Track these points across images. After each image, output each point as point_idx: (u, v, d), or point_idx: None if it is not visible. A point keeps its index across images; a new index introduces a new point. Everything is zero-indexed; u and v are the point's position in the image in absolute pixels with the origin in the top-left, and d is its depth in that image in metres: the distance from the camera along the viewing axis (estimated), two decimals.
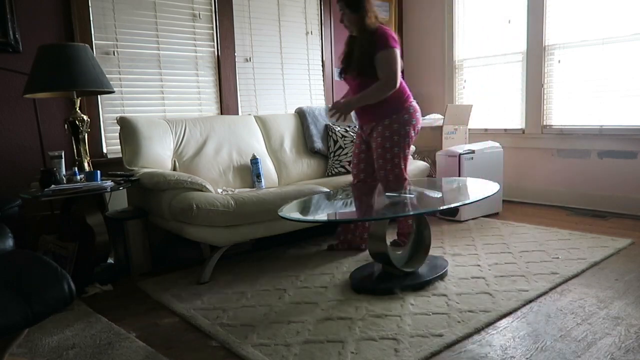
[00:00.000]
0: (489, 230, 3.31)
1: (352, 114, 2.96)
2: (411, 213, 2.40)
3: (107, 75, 2.70)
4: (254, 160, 3.16)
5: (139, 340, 1.91)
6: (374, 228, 2.37)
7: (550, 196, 4.08)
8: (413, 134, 2.81)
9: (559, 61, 3.93)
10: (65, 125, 2.66)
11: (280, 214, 2.23)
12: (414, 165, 3.63)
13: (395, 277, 2.37)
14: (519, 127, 4.23)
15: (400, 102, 2.75)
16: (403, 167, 2.80)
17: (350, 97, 2.77)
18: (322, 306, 2.16)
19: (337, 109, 2.70)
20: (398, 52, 2.68)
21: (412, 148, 2.97)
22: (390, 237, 2.76)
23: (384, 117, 2.74)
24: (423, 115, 4.57)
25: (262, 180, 3.17)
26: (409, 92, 2.84)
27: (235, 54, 3.75)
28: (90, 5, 3.09)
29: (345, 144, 3.56)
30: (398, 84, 2.68)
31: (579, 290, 2.23)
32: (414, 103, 2.84)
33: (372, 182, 2.89)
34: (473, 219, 3.60)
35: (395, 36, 2.72)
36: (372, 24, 2.69)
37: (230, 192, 2.77)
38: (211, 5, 3.63)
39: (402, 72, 2.91)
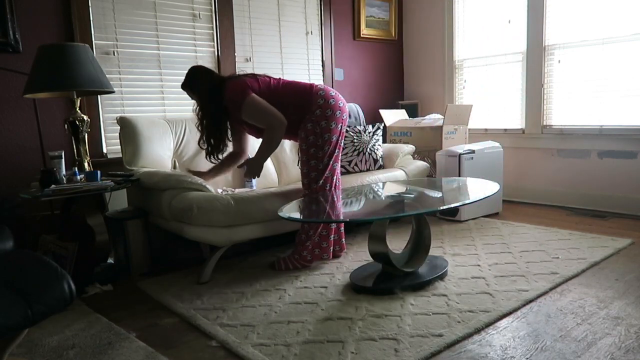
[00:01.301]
0: (489, 230, 3.31)
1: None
2: (411, 213, 2.40)
3: (107, 75, 2.70)
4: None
5: (139, 340, 1.91)
6: (374, 228, 2.37)
7: (550, 196, 4.08)
8: (333, 126, 2.59)
9: (559, 61, 3.93)
10: (65, 125, 2.66)
11: (280, 214, 2.23)
12: (414, 165, 3.63)
13: (395, 277, 2.37)
14: (519, 127, 4.23)
15: (304, 99, 2.61)
16: (321, 167, 2.60)
17: (254, 159, 2.65)
18: (322, 306, 2.16)
19: (250, 175, 2.67)
20: (251, 97, 2.52)
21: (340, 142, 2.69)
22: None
23: (301, 123, 2.62)
24: (423, 115, 4.61)
25: (253, 180, 3.16)
26: (310, 83, 2.67)
27: (235, 54, 3.75)
28: (90, 5, 3.09)
29: (344, 144, 3.56)
30: (280, 119, 2.53)
31: (579, 290, 2.23)
32: (322, 91, 2.62)
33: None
34: (473, 219, 3.60)
35: (240, 83, 2.57)
36: (210, 88, 2.59)
37: (230, 192, 2.76)
38: (211, 5, 3.63)
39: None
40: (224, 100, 2.59)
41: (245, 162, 2.74)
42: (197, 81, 2.63)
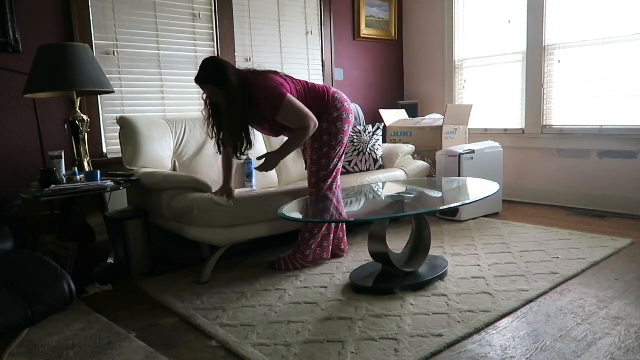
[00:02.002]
0: (489, 230, 3.31)
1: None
2: (411, 213, 2.40)
3: (107, 75, 2.70)
4: (247, 161, 3.16)
5: (139, 340, 1.91)
6: (374, 228, 2.37)
7: (550, 196, 4.08)
8: (346, 128, 2.65)
9: (559, 61, 3.93)
10: (65, 125, 2.66)
11: (280, 213, 2.23)
12: (414, 165, 3.63)
13: (395, 277, 2.37)
14: (519, 127, 4.23)
15: (323, 104, 2.62)
16: (331, 167, 2.63)
17: (275, 153, 2.58)
18: (322, 306, 2.16)
19: (264, 169, 2.55)
20: (289, 96, 2.44)
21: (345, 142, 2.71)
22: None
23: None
24: (423, 115, 4.61)
25: (253, 180, 3.17)
26: (323, 87, 2.68)
27: (235, 54, 3.75)
28: (90, 5, 3.09)
29: None
30: (315, 121, 2.50)
31: (579, 290, 2.23)
32: (337, 94, 2.67)
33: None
34: (473, 219, 3.60)
35: (273, 82, 2.47)
36: (238, 84, 2.40)
37: None
38: (211, 5, 3.63)
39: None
40: (253, 96, 2.45)
41: (265, 155, 2.60)
42: (225, 75, 2.38)
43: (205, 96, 2.53)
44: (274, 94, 2.43)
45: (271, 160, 2.58)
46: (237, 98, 2.40)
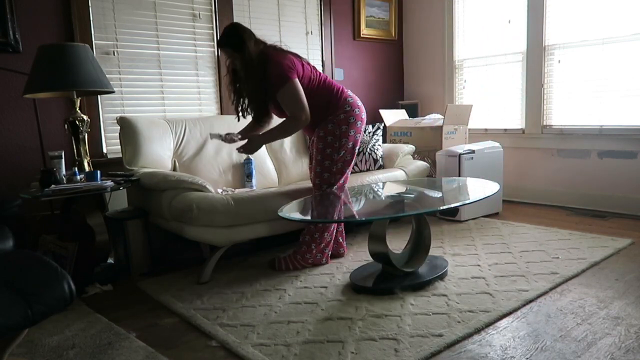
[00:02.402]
0: (489, 230, 3.31)
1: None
2: (411, 213, 2.40)
3: (107, 75, 2.70)
4: (247, 161, 3.17)
5: (139, 340, 1.91)
6: (374, 228, 2.37)
7: (550, 196, 4.08)
8: (352, 133, 2.63)
9: (559, 61, 3.93)
10: (65, 125, 2.66)
11: (280, 213, 2.23)
12: (414, 165, 3.63)
13: (395, 277, 2.37)
14: (519, 127, 4.23)
15: (332, 103, 2.62)
16: (335, 170, 2.63)
17: (259, 136, 2.61)
18: (322, 306, 2.16)
19: (246, 150, 2.58)
20: (293, 81, 2.47)
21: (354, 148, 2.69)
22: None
23: (322, 122, 2.63)
24: (423, 115, 4.61)
25: (253, 180, 3.18)
26: (339, 87, 2.68)
27: None
28: (90, 5, 3.09)
29: None
30: (307, 116, 2.50)
31: (579, 290, 2.23)
32: (350, 98, 2.66)
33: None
34: (473, 219, 3.60)
35: (288, 61, 2.50)
36: (256, 53, 2.48)
37: (230, 192, 2.76)
38: (211, 5, 3.63)
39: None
40: (267, 69, 2.50)
41: (248, 136, 2.63)
42: (242, 40, 2.47)
43: (228, 62, 2.62)
44: (283, 73, 2.48)
45: (254, 142, 2.60)
46: (253, 65, 2.48)
